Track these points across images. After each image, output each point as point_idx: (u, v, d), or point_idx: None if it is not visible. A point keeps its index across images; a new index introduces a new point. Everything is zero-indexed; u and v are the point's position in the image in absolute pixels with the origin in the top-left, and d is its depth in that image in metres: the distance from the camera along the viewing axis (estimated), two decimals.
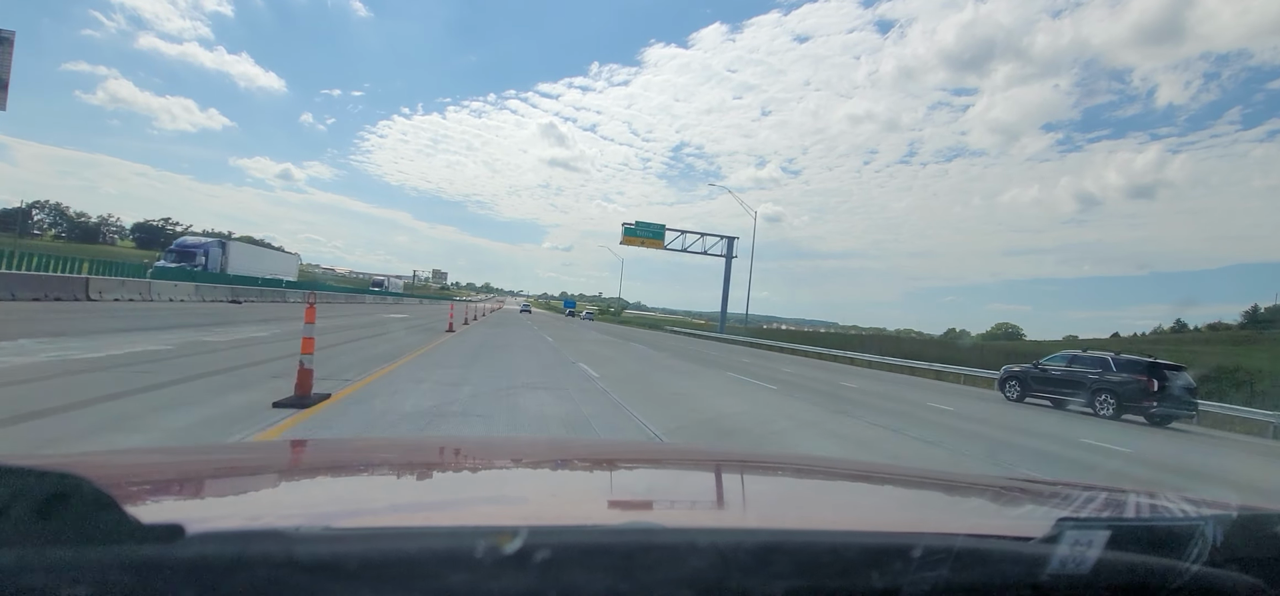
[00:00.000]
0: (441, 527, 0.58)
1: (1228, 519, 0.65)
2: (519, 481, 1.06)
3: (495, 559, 0.47)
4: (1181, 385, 13.56)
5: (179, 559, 0.43)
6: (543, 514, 0.84)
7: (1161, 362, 13.88)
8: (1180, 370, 13.87)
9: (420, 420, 5.39)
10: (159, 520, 0.44)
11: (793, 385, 13.39)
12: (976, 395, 17.68)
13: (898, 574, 0.55)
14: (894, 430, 8.32)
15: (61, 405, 4.43)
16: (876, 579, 0.55)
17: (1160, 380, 13.29)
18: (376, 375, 7.80)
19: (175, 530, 0.44)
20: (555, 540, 0.50)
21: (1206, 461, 9.45)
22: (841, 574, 0.55)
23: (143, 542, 0.43)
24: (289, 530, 0.47)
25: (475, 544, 0.47)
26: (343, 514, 0.76)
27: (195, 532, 0.45)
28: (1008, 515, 1.03)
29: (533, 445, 1.88)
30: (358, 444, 1.88)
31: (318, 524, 0.49)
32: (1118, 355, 14.65)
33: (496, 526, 0.53)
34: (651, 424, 6.46)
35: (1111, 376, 14.03)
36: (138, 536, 0.43)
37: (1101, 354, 15.04)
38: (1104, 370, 14.26)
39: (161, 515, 0.51)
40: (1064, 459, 7.72)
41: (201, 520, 0.59)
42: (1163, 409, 13.35)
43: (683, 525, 0.70)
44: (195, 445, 3.72)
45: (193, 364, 7.10)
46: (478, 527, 0.56)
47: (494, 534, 0.48)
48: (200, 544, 0.44)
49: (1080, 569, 0.58)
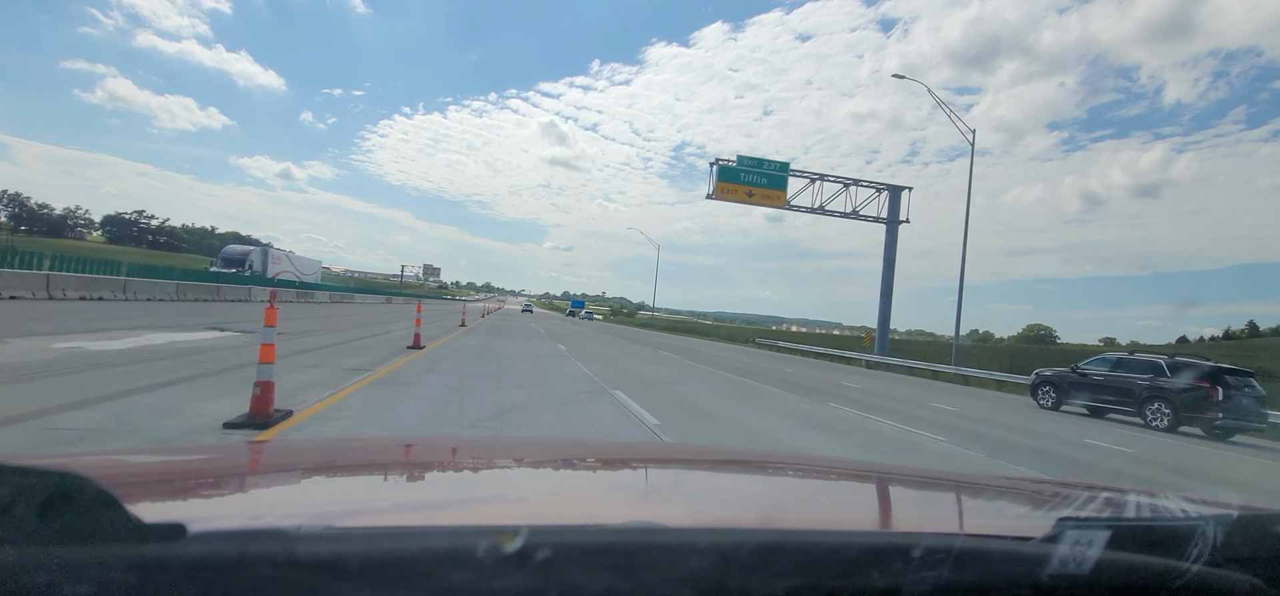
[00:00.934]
0: (442, 527, 0.58)
1: (1228, 519, 0.65)
2: (520, 481, 1.06)
3: (496, 558, 0.47)
4: (1249, 393, 12.13)
5: (180, 558, 0.43)
6: (543, 513, 0.84)
7: (1226, 367, 12.41)
8: (1246, 376, 12.49)
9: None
10: (160, 519, 0.45)
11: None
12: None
13: (898, 574, 0.55)
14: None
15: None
16: (877, 578, 0.55)
17: (1225, 387, 11.80)
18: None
19: (177, 529, 0.44)
20: (556, 539, 0.51)
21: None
22: (842, 574, 0.56)
23: (144, 542, 0.43)
24: (290, 529, 0.47)
25: (476, 543, 0.47)
26: (344, 513, 0.77)
27: (197, 532, 0.45)
28: (1008, 515, 1.03)
29: (533, 445, 1.88)
30: (358, 443, 1.89)
31: (319, 523, 0.49)
32: (1172, 357, 13.09)
33: (497, 525, 0.53)
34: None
35: (1166, 382, 12.45)
36: (139, 535, 0.43)
37: (1152, 356, 13.54)
38: (1155, 375, 12.75)
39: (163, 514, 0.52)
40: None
41: (203, 519, 0.59)
42: (1228, 420, 11.90)
43: (683, 524, 0.70)
44: (196, 445, 3.72)
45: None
46: (478, 527, 0.56)
47: (495, 533, 0.48)
48: (202, 543, 0.45)
49: (1080, 569, 0.58)
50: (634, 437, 5.75)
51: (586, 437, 5.44)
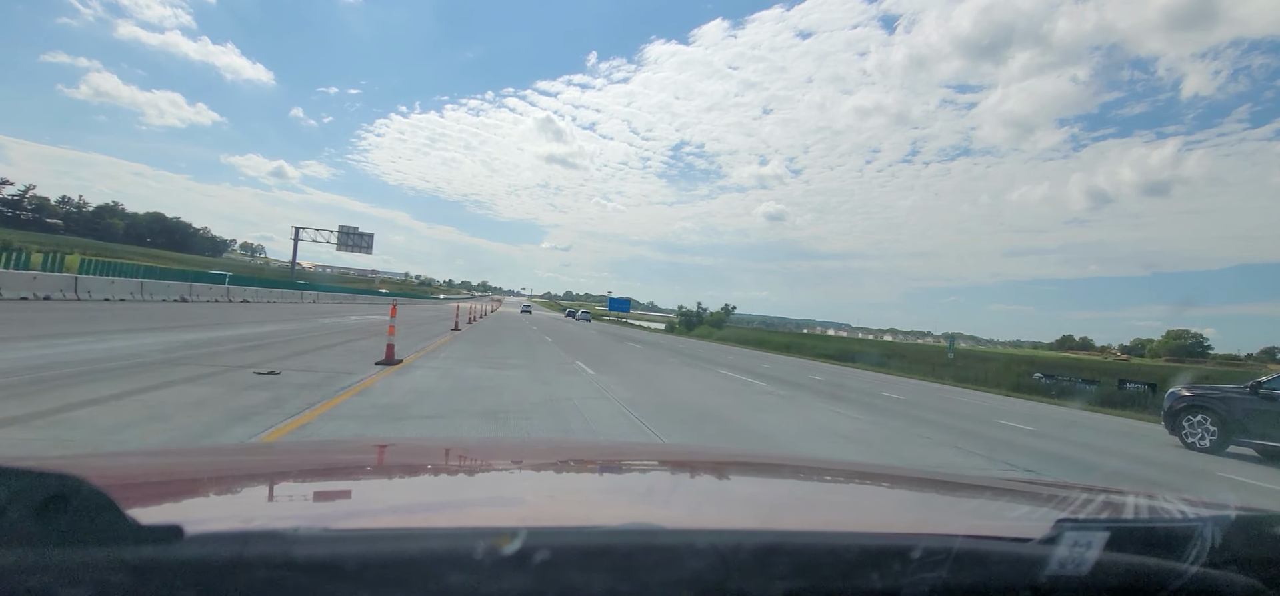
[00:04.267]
0: (440, 528, 0.58)
1: (1226, 520, 0.65)
2: (518, 482, 1.06)
3: (494, 560, 0.47)
4: None
5: (178, 560, 0.43)
6: (542, 515, 0.84)
7: None
8: None
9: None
10: (158, 521, 0.44)
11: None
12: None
13: (897, 575, 0.55)
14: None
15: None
16: (876, 580, 0.55)
17: None
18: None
19: (174, 531, 0.44)
20: (554, 541, 0.50)
21: None
22: (841, 575, 0.56)
23: (141, 543, 0.43)
24: (288, 531, 0.47)
25: (474, 545, 0.47)
26: (341, 515, 0.77)
27: (194, 533, 0.45)
28: (1006, 516, 1.03)
29: (532, 446, 1.88)
30: (356, 445, 1.88)
31: (316, 525, 0.49)
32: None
33: (495, 527, 0.53)
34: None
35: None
36: (136, 537, 0.43)
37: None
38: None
39: (160, 516, 0.51)
40: None
41: (200, 521, 0.59)
42: None
43: (682, 526, 0.70)
44: (194, 446, 3.72)
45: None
46: (477, 528, 0.56)
47: (493, 535, 0.48)
48: (199, 545, 0.44)
49: (1079, 570, 0.58)
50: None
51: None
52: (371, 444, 2.70)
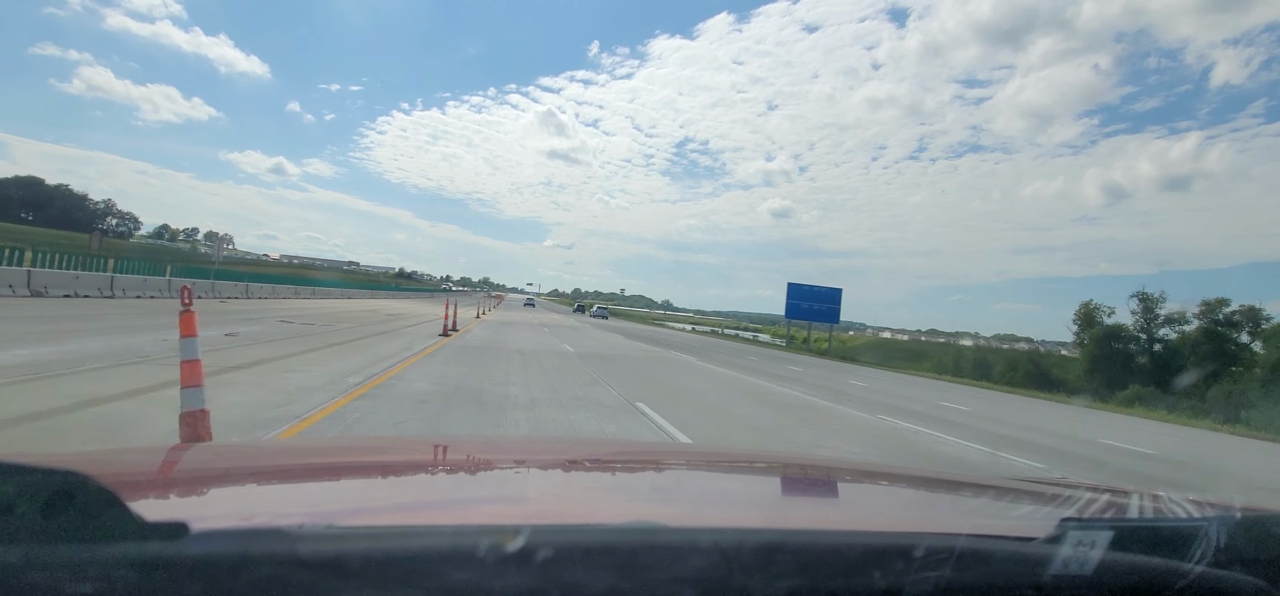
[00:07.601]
0: (444, 526, 0.58)
1: (1231, 519, 0.65)
2: (521, 480, 1.06)
3: (498, 557, 0.47)
4: None
5: (183, 556, 0.44)
6: (545, 512, 0.84)
7: None
8: None
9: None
10: (163, 518, 0.45)
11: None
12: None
13: (900, 574, 0.55)
14: None
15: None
16: (879, 578, 0.55)
17: None
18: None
19: (179, 528, 0.44)
20: (557, 539, 0.51)
21: None
22: (844, 573, 0.56)
23: (147, 540, 0.43)
24: (292, 528, 0.47)
25: (478, 542, 0.48)
26: (346, 512, 0.77)
27: (199, 530, 0.45)
28: (1010, 515, 1.02)
29: (535, 444, 1.89)
30: (360, 443, 1.89)
31: (321, 522, 0.49)
32: None
33: (499, 525, 0.53)
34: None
35: None
36: (142, 534, 0.43)
37: None
38: None
39: (165, 513, 0.52)
40: None
41: (205, 518, 0.59)
42: None
43: (685, 524, 0.70)
44: (199, 444, 3.74)
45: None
46: (480, 526, 0.56)
47: (496, 532, 0.48)
48: (204, 541, 0.45)
49: (1083, 569, 0.58)
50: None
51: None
52: (376, 442, 2.71)
